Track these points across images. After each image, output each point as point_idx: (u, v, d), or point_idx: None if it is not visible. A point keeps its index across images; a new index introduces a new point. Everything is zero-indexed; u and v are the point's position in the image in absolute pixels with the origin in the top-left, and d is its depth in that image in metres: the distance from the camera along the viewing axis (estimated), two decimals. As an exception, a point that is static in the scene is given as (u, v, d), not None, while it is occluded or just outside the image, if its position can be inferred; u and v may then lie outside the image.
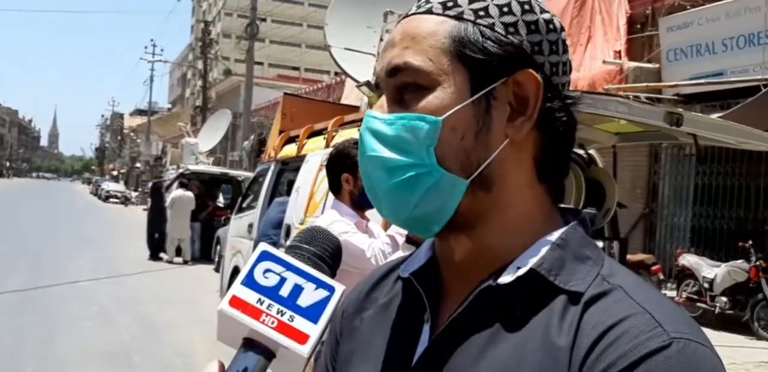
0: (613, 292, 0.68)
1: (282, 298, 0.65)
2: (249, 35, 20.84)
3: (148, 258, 14.26)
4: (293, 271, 0.67)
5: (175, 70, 70.23)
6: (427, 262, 0.80)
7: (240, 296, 0.65)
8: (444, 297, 0.78)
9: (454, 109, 0.71)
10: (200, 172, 16.03)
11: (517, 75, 0.72)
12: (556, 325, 0.67)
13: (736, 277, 8.14)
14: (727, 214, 9.66)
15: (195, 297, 10.01)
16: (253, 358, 0.64)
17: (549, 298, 0.69)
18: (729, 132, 4.25)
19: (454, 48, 0.72)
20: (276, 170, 6.94)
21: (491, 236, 0.74)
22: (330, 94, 21.33)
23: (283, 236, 5.84)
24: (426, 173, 0.71)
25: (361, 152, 0.75)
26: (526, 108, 0.73)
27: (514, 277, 0.71)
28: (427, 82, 0.72)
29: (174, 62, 58.18)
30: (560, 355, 0.65)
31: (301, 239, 0.73)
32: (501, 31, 0.72)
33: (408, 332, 0.78)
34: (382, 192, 0.74)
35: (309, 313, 0.65)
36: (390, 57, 0.74)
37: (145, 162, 49.06)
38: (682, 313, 0.68)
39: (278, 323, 0.64)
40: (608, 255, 0.77)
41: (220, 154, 25.83)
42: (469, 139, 0.72)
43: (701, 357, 0.62)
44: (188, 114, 41.13)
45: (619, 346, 0.62)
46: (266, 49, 42.54)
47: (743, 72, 8.76)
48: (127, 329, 7.62)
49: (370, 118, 0.75)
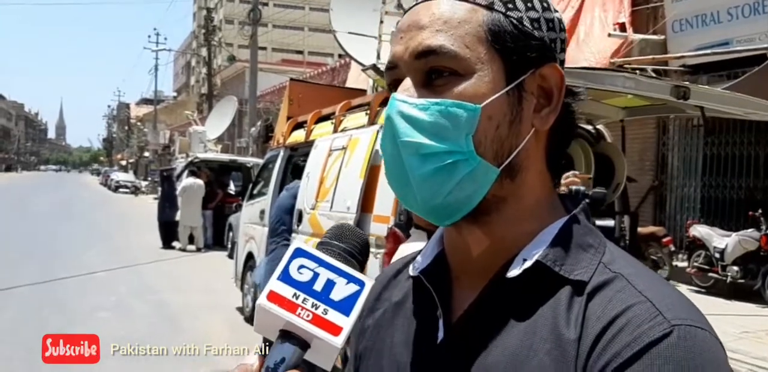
0: (615, 280, 0.70)
1: (316, 292, 0.69)
2: (252, 21, 20.74)
3: (161, 247, 14.39)
4: (325, 267, 0.70)
5: (179, 59, 69.98)
6: (435, 259, 0.83)
7: (277, 291, 0.68)
8: (454, 291, 0.80)
9: (493, 97, 0.72)
10: (209, 160, 16.10)
11: (543, 68, 0.75)
12: (564, 315, 0.69)
13: (747, 247, 8.15)
14: (737, 184, 9.63)
15: (210, 284, 10.10)
16: (289, 348, 0.68)
17: (555, 289, 0.72)
18: (736, 103, 4.25)
19: (491, 38, 0.73)
20: (285, 156, 6.97)
21: (503, 225, 0.76)
22: (335, 78, 21.25)
23: (295, 222, 5.89)
24: (464, 160, 0.72)
25: (392, 137, 0.74)
26: (550, 100, 0.76)
27: (521, 270, 0.73)
28: (463, 69, 0.73)
29: (178, 50, 58.06)
30: (568, 346, 0.67)
31: (331, 236, 0.75)
32: (528, 26, 0.74)
33: (424, 328, 0.80)
34: (416, 178, 0.73)
35: (341, 306, 0.69)
36: (420, 38, 0.74)
37: (153, 151, 49.12)
38: (681, 298, 0.70)
39: (313, 316, 0.67)
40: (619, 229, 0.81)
41: (227, 141, 25.90)
42: (504, 127, 0.73)
43: (701, 341, 0.64)
44: (194, 102, 41.13)
45: (623, 337, 0.65)
46: (269, 33, 42.29)
47: (749, 41, 8.66)
48: (145, 318, 7.71)
49: (399, 102, 0.74)
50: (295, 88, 7.39)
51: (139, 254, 12.96)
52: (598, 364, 0.65)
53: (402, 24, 0.77)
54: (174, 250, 14.26)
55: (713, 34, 9.38)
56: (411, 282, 0.86)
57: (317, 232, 5.43)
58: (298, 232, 5.82)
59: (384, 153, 0.77)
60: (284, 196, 6.15)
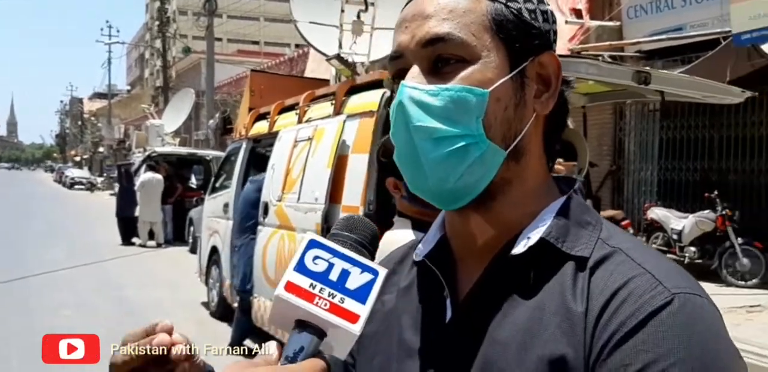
0: (614, 254, 0.73)
1: (332, 282, 0.70)
2: (207, 12, 20.40)
3: (121, 243, 14.18)
4: (339, 258, 0.72)
5: (132, 51, 68.58)
6: (438, 243, 0.85)
7: (294, 282, 0.69)
8: (459, 273, 0.83)
9: (500, 82, 0.75)
10: (168, 154, 15.87)
11: (542, 56, 0.79)
12: (570, 290, 0.72)
13: (704, 227, 8.37)
14: (692, 167, 9.85)
15: (173, 279, 9.99)
16: (307, 337, 0.68)
17: (559, 264, 0.75)
18: (694, 87, 4.36)
19: (495, 27, 0.76)
20: (248, 148, 6.91)
21: (507, 207, 0.79)
22: (293, 68, 21.08)
23: (261, 214, 5.84)
24: (474, 144, 0.75)
25: (404, 122, 0.76)
26: (549, 86, 0.80)
27: (526, 248, 0.76)
28: (470, 56, 0.75)
29: (131, 43, 56.80)
30: (576, 319, 0.70)
31: (342, 227, 0.76)
32: (527, 16, 0.78)
33: (433, 309, 0.82)
34: (429, 162, 0.75)
35: (357, 295, 0.70)
36: (427, 27, 0.76)
37: (108, 146, 48.17)
38: (677, 268, 0.74)
39: (330, 305, 0.69)
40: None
41: (184, 134, 25.53)
42: (511, 110, 0.77)
43: (700, 308, 0.68)
44: (149, 95, 40.39)
45: (627, 307, 0.68)
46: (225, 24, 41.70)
47: (702, 26, 8.85)
48: (109, 315, 7.58)
49: (409, 88, 0.76)
50: (257, 79, 7.32)
51: (99, 251, 12.73)
52: (605, 334, 0.68)
53: (406, 14, 0.80)
54: (134, 246, 14.08)
55: (667, 19, 9.57)
56: (415, 268, 0.88)
57: (284, 223, 5.40)
58: (264, 224, 5.78)
59: (396, 138, 0.78)
60: (249, 189, 6.09)
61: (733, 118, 9.04)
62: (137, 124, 39.23)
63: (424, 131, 0.75)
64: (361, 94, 4.85)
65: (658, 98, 4.46)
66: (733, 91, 4.54)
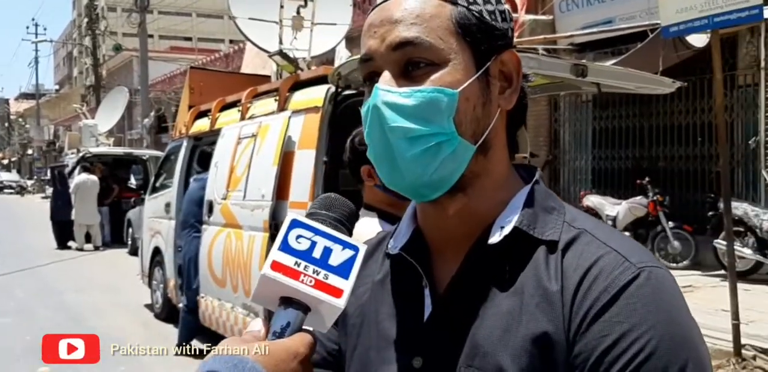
0: (581, 236, 0.80)
1: (315, 259, 0.73)
2: (139, 8, 19.88)
3: (57, 247, 13.79)
4: (321, 235, 0.75)
5: (60, 50, 66.16)
6: (412, 235, 0.89)
7: (279, 260, 0.72)
8: (435, 263, 0.87)
9: (468, 82, 0.80)
10: (102, 154, 15.46)
11: (503, 54, 0.84)
12: (545, 272, 0.78)
13: (637, 213, 8.68)
14: (624, 155, 10.17)
15: (113, 282, 9.77)
16: (293, 313, 0.72)
17: (532, 250, 0.80)
18: (628, 79, 4.53)
19: (460, 30, 0.81)
20: (189, 146, 6.80)
21: (477, 197, 0.84)
22: (229, 64, 20.79)
23: (206, 213, 5.77)
24: (447, 141, 0.80)
25: (379, 123, 0.80)
26: (511, 82, 0.86)
27: (501, 237, 0.81)
28: (438, 59, 0.80)
29: (59, 41, 54.75)
30: (554, 297, 0.76)
31: (320, 206, 0.80)
32: (488, 17, 0.83)
33: (411, 299, 0.86)
34: (405, 160, 0.80)
35: (340, 270, 0.74)
36: (396, 32, 0.80)
37: (37, 148, 46.49)
38: (636, 243, 0.81)
39: (315, 282, 0.72)
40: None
41: (118, 133, 24.87)
42: (479, 108, 0.82)
43: (662, 279, 0.76)
44: (79, 94, 39.10)
45: (599, 283, 0.75)
46: (157, 20, 40.64)
47: (631, 19, 9.14)
48: (50, 321, 7.38)
49: (383, 91, 0.80)
50: (196, 76, 7.20)
51: (34, 256, 12.33)
52: (582, 309, 0.74)
53: (373, 19, 0.83)
54: (71, 249, 13.68)
55: (597, 12, 9.85)
56: (388, 260, 0.92)
57: (230, 222, 5.36)
58: (209, 223, 5.72)
59: (370, 138, 0.83)
60: (194, 188, 6.00)
61: (661, 108, 9.39)
62: (68, 124, 37.97)
63: (399, 131, 0.79)
64: (306, 89, 4.84)
65: (594, 90, 4.61)
66: (664, 82, 4.73)
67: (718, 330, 5.03)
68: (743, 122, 8.52)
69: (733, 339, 4.72)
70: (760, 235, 7.33)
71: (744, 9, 4.40)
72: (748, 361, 4.72)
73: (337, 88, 4.37)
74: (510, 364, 0.75)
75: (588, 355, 0.72)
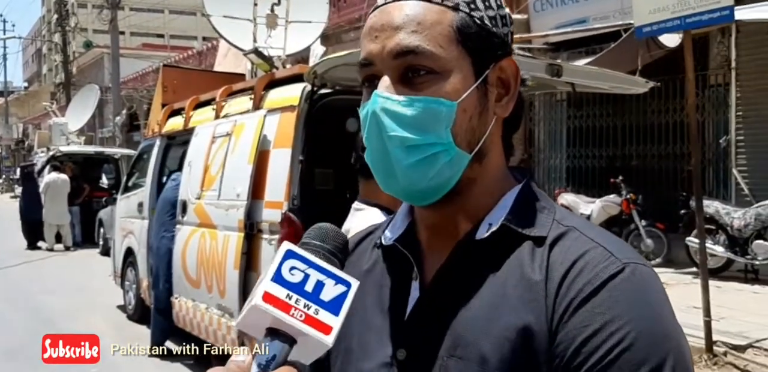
0: (569, 232, 0.81)
1: (307, 293, 0.71)
2: (111, 4, 19.59)
3: (26, 248, 13.59)
4: (315, 269, 0.73)
5: (28, 46, 65.01)
6: (407, 228, 0.91)
7: (271, 292, 0.70)
8: (425, 256, 0.88)
9: (466, 93, 0.81)
10: (73, 153, 15.25)
11: (501, 61, 0.84)
12: (529, 264, 0.79)
13: (610, 211, 8.77)
14: (598, 154, 10.27)
15: (85, 283, 9.63)
16: (279, 345, 0.70)
17: (518, 244, 0.82)
18: (602, 78, 4.57)
19: (461, 37, 0.81)
20: (162, 145, 6.72)
21: (471, 199, 0.85)
22: (202, 62, 20.59)
23: (179, 212, 5.71)
24: (444, 151, 0.80)
25: (377, 131, 0.81)
26: (508, 89, 0.86)
27: (488, 233, 0.83)
28: (439, 68, 0.80)
29: (28, 37, 53.75)
30: (537, 287, 0.77)
31: (314, 237, 0.78)
32: (488, 23, 0.83)
33: (398, 291, 0.88)
34: (402, 168, 0.80)
35: (331, 306, 0.72)
36: (397, 39, 0.80)
37: (6, 146, 45.66)
38: (622, 242, 0.82)
39: (306, 317, 0.70)
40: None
41: (89, 132, 24.52)
42: (475, 118, 0.82)
43: (647, 275, 0.77)
44: (48, 92, 38.51)
45: (584, 276, 0.76)
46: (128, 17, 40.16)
47: (604, 18, 9.22)
48: (21, 324, 7.26)
49: (382, 98, 0.80)
50: (169, 74, 7.13)
51: (3, 257, 12.10)
52: (565, 300, 0.75)
53: (374, 23, 0.82)
54: (41, 250, 13.49)
55: (571, 12, 9.92)
56: (378, 251, 0.94)
57: (204, 221, 5.30)
58: (183, 222, 5.65)
59: (369, 145, 0.83)
60: (170, 188, 5.92)
61: (635, 107, 9.49)
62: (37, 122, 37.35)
63: (397, 140, 0.80)
64: (281, 88, 4.80)
65: (568, 89, 4.64)
66: (638, 82, 4.78)
67: (690, 327, 5.09)
68: (714, 121, 8.65)
69: (705, 335, 4.79)
70: (730, 233, 7.44)
71: (715, 10, 4.46)
72: (719, 357, 4.79)
73: (313, 86, 4.35)
74: (492, 353, 0.76)
75: (568, 344, 0.73)
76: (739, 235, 7.38)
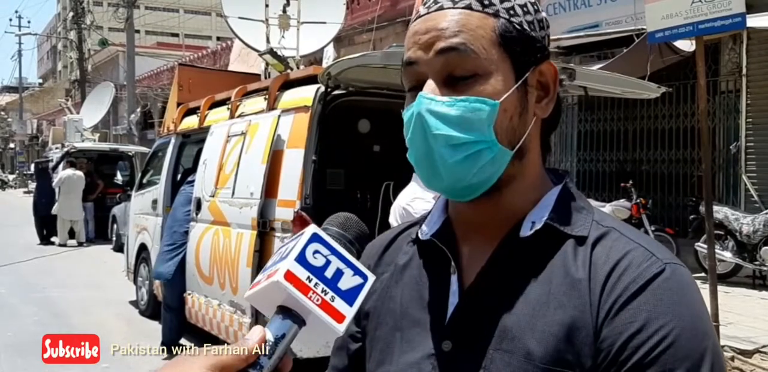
0: (610, 233, 0.85)
1: (327, 279, 0.73)
2: (127, 3, 19.73)
3: (39, 243, 13.69)
4: (337, 256, 0.75)
5: (44, 43, 65.45)
6: (443, 224, 0.95)
7: (293, 272, 0.71)
8: (463, 252, 0.92)
9: (508, 93, 0.85)
10: (88, 150, 15.36)
11: (541, 65, 0.89)
12: (572, 262, 0.83)
13: (620, 215, 8.75)
14: (608, 158, 10.28)
15: (97, 279, 9.72)
16: (289, 325, 0.71)
17: (560, 243, 0.85)
18: (614, 83, 4.60)
19: (502, 41, 0.85)
20: (177, 143, 6.80)
21: (511, 196, 0.89)
22: (216, 61, 20.71)
23: (193, 210, 5.78)
24: (487, 148, 0.84)
25: (422, 130, 0.84)
26: (548, 92, 0.90)
27: (532, 231, 0.86)
28: (482, 70, 0.84)
29: (44, 34, 54.11)
30: (580, 285, 0.81)
31: (336, 224, 0.80)
32: (527, 28, 0.87)
33: (437, 284, 0.91)
34: (447, 166, 0.84)
35: (347, 296, 0.73)
36: (441, 38, 0.84)
37: (20, 142, 45.98)
38: (660, 244, 0.87)
39: (322, 301, 0.71)
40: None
41: (103, 129, 24.68)
42: (516, 118, 0.86)
43: (685, 275, 0.82)
44: (63, 88, 38.76)
45: (629, 274, 0.80)
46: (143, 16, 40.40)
47: (617, 23, 9.24)
48: (32, 318, 7.32)
49: (427, 99, 0.84)
50: (185, 73, 7.20)
51: (15, 252, 12.21)
52: (611, 297, 0.79)
53: (419, 28, 0.87)
54: (53, 245, 13.57)
55: (584, 17, 9.94)
56: (414, 247, 0.97)
57: (218, 219, 5.37)
58: (197, 220, 5.73)
59: (412, 143, 0.87)
60: (188, 192, 5.94)
61: (645, 112, 9.50)
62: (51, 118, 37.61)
63: (442, 138, 0.83)
64: (295, 89, 4.86)
65: (581, 93, 4.67)
66: (650, 87, 4.80)
67: (697, 331, 5.11)
68: (725, 127, 8.65)
69: (712, 340, 4.80)
70: (739, 239, 7.45)
71: (727, 17, 4.48)
72: (726, 362, 4.81)
73: (326, 88, 4.41)
74: (537, 347, 0.80)
75: (615, 339, 0.77)
76: (747, 241, 7.38)
